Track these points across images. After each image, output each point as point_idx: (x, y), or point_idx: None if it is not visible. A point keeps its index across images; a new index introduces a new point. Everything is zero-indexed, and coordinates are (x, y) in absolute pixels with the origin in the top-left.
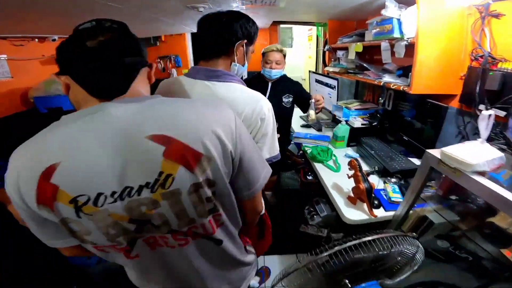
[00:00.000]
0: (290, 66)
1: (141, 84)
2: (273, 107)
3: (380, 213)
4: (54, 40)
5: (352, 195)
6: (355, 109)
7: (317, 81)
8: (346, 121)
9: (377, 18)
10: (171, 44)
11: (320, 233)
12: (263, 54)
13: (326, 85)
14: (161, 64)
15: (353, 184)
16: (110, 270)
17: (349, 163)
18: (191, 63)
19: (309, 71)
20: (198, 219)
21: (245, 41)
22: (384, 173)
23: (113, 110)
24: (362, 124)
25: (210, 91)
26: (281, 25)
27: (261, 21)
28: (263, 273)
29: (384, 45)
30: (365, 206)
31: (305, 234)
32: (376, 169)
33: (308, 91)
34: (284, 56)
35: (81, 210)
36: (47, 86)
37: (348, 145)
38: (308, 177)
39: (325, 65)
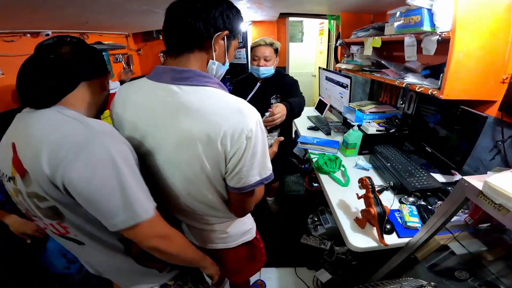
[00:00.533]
0: (300, 61)
1: (80, 95)
2: (260, 110)
3: (392, 239)
4: (47, 35)
5: (360, 216)
6: (370, 112)
7: (328, 78)
8: (359, 126)
9: (401, 8)
10: None
11: (323, 246)
12: (251, 49)
13: (338, 83)
14: (163, 58)
15: (363, 204)
16: (90, 280)
17: (360, 181)
18: None
19: (319, 68)
20: (44, 219)
21: (226, 32)
22: (400, 191)
23: (18, 117)
24: (377, 130)
25: (174, 98)
26: (291, 18)
27: (266, 13)
28: (258, 287)
29: (409, 40)
30: (375, 231)
31: (306, 246)
32: (391, 184)
33: (318, 90)
34: (276, 50)
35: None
36: None
37: (360, 153)
38: (314, 184)
39: (337, 61)
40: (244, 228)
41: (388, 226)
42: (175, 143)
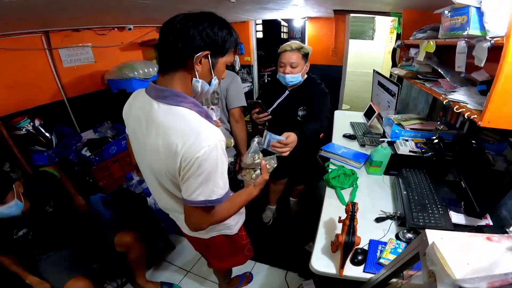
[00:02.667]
0: (368, 61)
1: None
2: (286, 120)
3: (356, 271)
4: (130, 29)
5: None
6: (411, 128)
7: (379, 83)
8: (391, 143)
9: (448, 6)
10: (236, 32)
11: None
12: (278, 54)
13: (387, 90)
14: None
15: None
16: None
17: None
18: (254, 51)
19: (374, 71)
20: None
21: (207, 52)
22: (402, 224)
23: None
24: (410, 151)
25: (153, 113)
26: (360, 15)
27: (318, 9)
28: (244, 278)
29: (461, 45)
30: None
31: (308, 253)
32: (398, 214)
33: (370, 94)
34: (305, 56)
35: None
36: (119, 70)
37: (386, 173)
38: None
39: (394, 64)
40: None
41: (359, 257)
42: (150, 151)
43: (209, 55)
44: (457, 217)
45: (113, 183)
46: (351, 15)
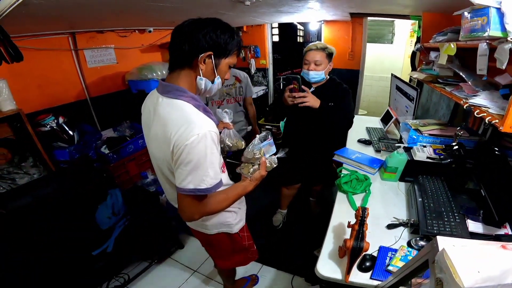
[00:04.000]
0: (387, 65)
1: None
2: (312, 118)
3: (363, 278)
4: (150, 31)
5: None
6: (430, 134)
7: (398, 88)
8: (407, 149)
9: (468, 8)
10: (252, 35)
11: None
12: (303, 54)
13: (405, 95)
14: (242, 54)
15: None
16: (128, 233)
17: (356, 210)
18: (269, 54)
19: (392, 75)
20: None
21: (210, 52)
22: (416, 231)
23: None
24: (428, 158)
25: (156, 106)
26: (379, 18)
27: (334, 12)
28: (249, 280)
29: (482, 47)
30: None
31: (315, 258)
32: (412, 222)
33: (388, 99)
34: (329, 55)
35: None
36: (139, 72)
37: (402, 179)
38: None
39: (413, 68)
40: (222, 220)
41: (367, 264)
42: (152, 140)
43: (212, 56)
44: (474, 226)
45: (129, 180)
46: (369, 18)
